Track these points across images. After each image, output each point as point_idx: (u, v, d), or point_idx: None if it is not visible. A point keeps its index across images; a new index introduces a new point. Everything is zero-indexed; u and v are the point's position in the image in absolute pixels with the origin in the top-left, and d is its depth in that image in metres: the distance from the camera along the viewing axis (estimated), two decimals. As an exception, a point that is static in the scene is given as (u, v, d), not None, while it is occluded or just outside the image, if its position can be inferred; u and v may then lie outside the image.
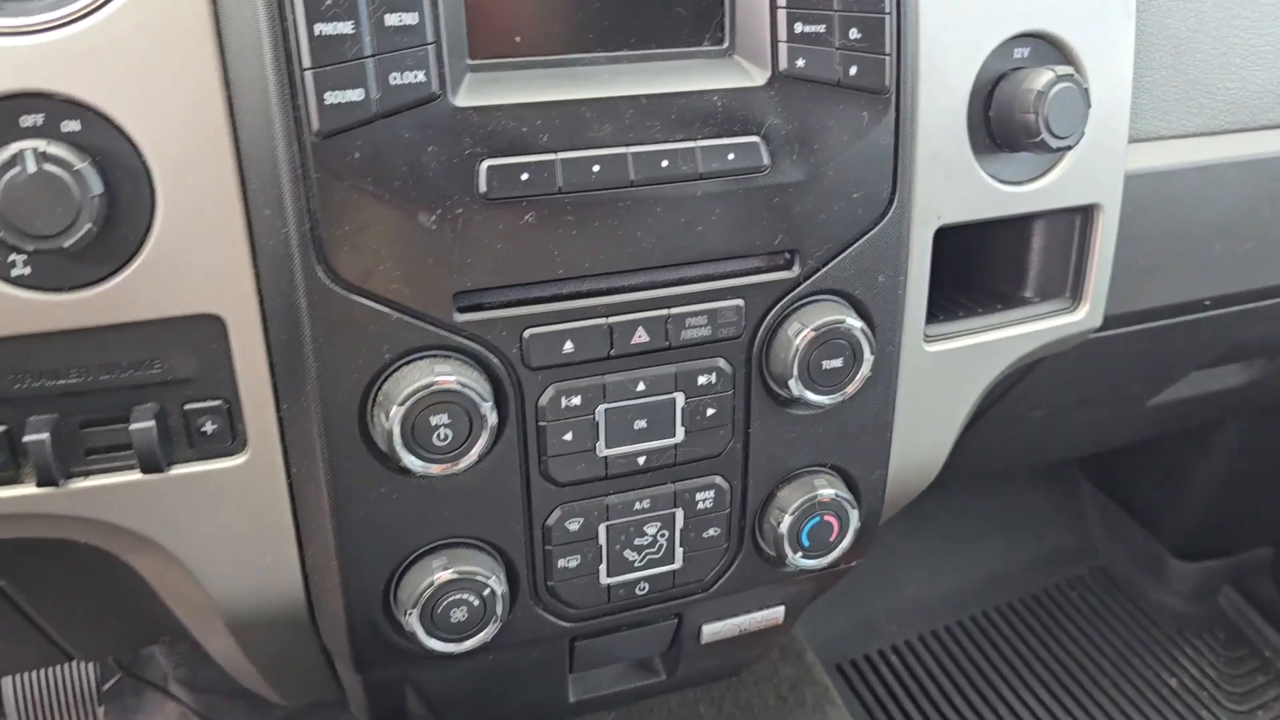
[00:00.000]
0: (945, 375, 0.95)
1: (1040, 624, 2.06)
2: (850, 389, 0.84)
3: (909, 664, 1.98)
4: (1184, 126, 1.02)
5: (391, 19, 0.68)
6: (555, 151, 0.74)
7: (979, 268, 1.03)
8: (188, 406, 0.75)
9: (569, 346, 0.78)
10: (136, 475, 0.75)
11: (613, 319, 0.79)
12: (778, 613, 1.01)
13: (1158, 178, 1.00)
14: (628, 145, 0.75)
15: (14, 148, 0.65)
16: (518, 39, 0.75)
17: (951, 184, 0.88)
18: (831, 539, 0.91)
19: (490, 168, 0.72)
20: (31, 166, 0.65)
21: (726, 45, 0.79)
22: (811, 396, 0.83)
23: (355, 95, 0.68)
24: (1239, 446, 1.90)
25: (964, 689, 1.93)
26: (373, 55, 0.68)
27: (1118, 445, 1.82)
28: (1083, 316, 0.99)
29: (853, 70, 0.79)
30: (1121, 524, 2.19)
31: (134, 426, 0.73)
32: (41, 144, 0.66)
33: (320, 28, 0.67)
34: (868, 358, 0.84)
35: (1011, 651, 2.00)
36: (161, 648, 1.37)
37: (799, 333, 0.82)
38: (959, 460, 1.03)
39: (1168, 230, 1.03)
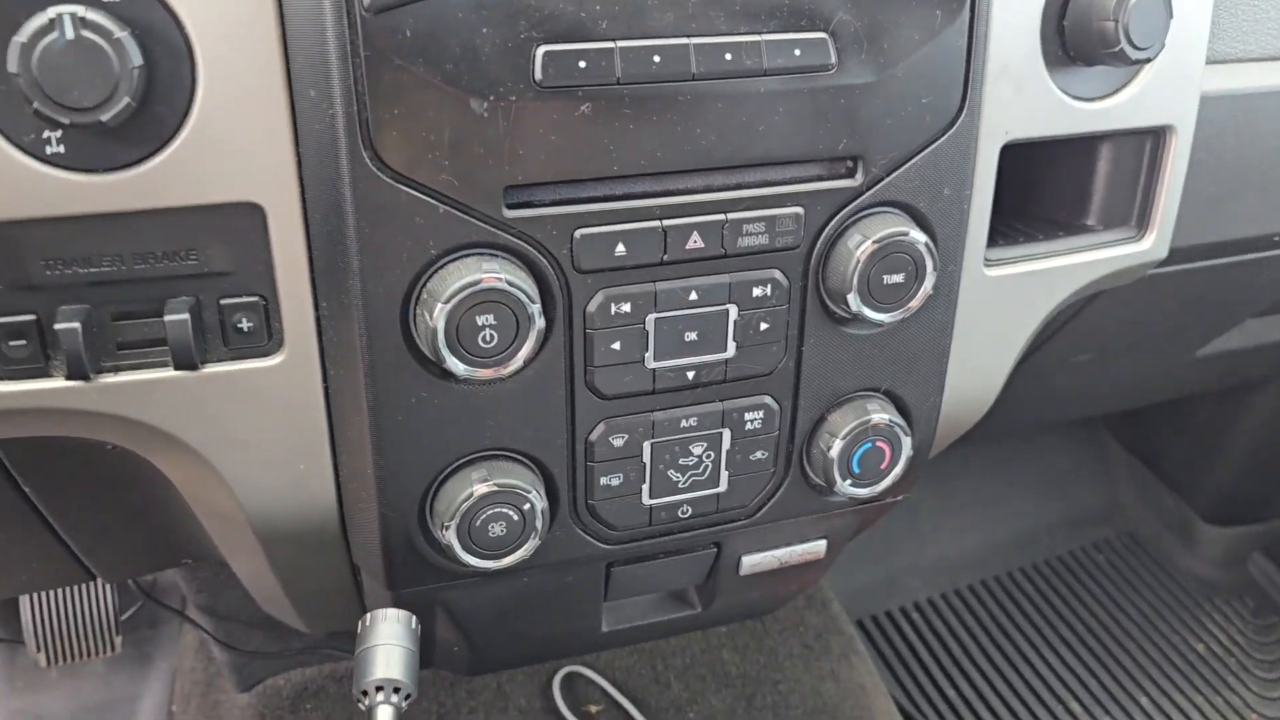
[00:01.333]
0: (1004, 302, 0.91)
1: (1065, 586, 2.03)
2: (913, 305, 0.81)
3: (931, 621, 1.95)
4: (1263, 49, 0.97)
5: (448, -112, 0.65)
6: (614, 40, 0.70)
7: (1040, 194, 0.99)
8: (223, 301, 0.72)
9: (621, 249, 0.74)
10: (169, 372, 0.72)
11: (667, 222, 0.75)
12: (819, 546, 0.98)
13: (1234, 101, 0.95)
14: (689, 36, 0.71)
15: (51, 11, 0.62)
16: (577, -80, 0.71)
17: (1021, 97, 0.84)
18: (883, 466, 0.87)
19: (547, 53, 0.68)
20: (70, 32, 0.62)
21: (796, -65, 0.75)
22: (870, 313, 0.80)
23: (408, -33, 0.65)
24: (1277, 409, 1.86)
25: (986, 648, 1.90)
26: (427, -75, 0.64)
27: (1157, 399, 1.77)
28: (1149, 246, 0.95)
29: (928, -34, 0.75)
30: (1151, 487, 2.15)
31: (168, 318, 0.70)
32: (80, 9, 0.62)
33: (373, -107, 0.63)
34: (930, 274, 0.80)
35: (1035, 612, 1.98)
36: (183, 573, 1.35)
37: (860, 245, 0.78)
38: (996, 410, 1.00)
39: (1240, 158, 0.98)
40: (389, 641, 0.77)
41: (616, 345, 0.77)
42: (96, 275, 0.70)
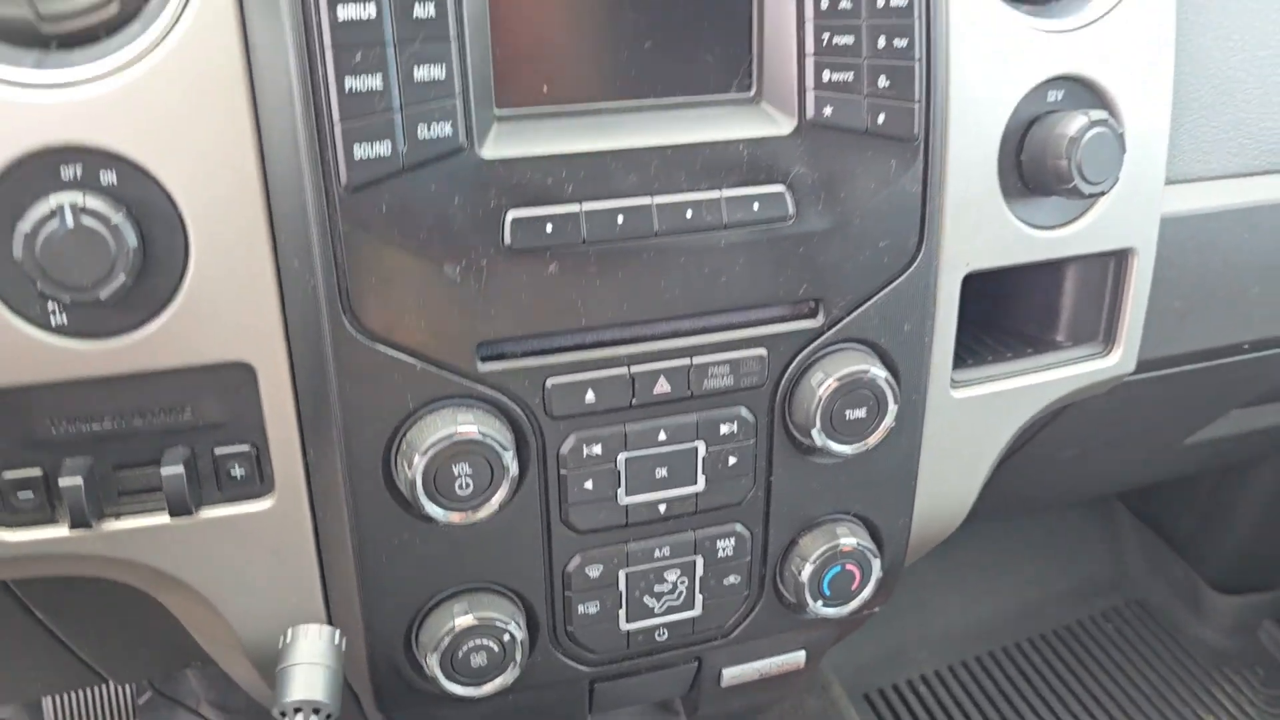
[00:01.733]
0: (972, 421, 0.94)
1: (1074, 656, 2.03)
2: (873, 439, 0.84)
3: (939, 694, 1.95)
4: (1223, 168, 1.00)
5: (420, 72, 0.69)
6: (580, 202, 0.74)
7: (1007, 309, 1.02)
8: (217, 450, 0.77)
9: (591, 396, 0.78)
10: (166, 518, 0.77)
11: (635, 368, 0.79)
12: (798, 657, 1.01)
13: (1195, 220, 0.98)
14: (652, 195, 0.75)
15: (53, 201, 0.67)
16: (544, 88, 0.75)
17: (981, 229, 0.87)
18: (853, 588, 0.90)
19: (515, 219, 0.73)
20: (70, 221, 0.67)
21: (754, 92, 0.79)
22: (834, 446, 0.83)
23: (383, 149, 0.69)
24: (1281, 480, 1.86)
25: (995, 721, 1.90)
26: (401, 108, 0.69)
27: (1153, 481, 1.78)
28: (1116, 361, 0.98)
29: (881, 118, 0.79)
30: (1160, 555, 2.15)
31: (165, 471, 0.74)
32: (79, 197, 0.67)
33: (350, 82, 0.68)
34: (892, 407, 0.84)
35: (1044, 684, 1.97)
36: (193, 671, 1.39)
37: (822, 382, 0.81)
38: (989, 494, 1.02)
39: (1204, 273, 1.01)
40: (310, 660, 0.72)
41: (589, 484, 0.81)
42: (98, 431, 0.75)
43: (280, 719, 0.71)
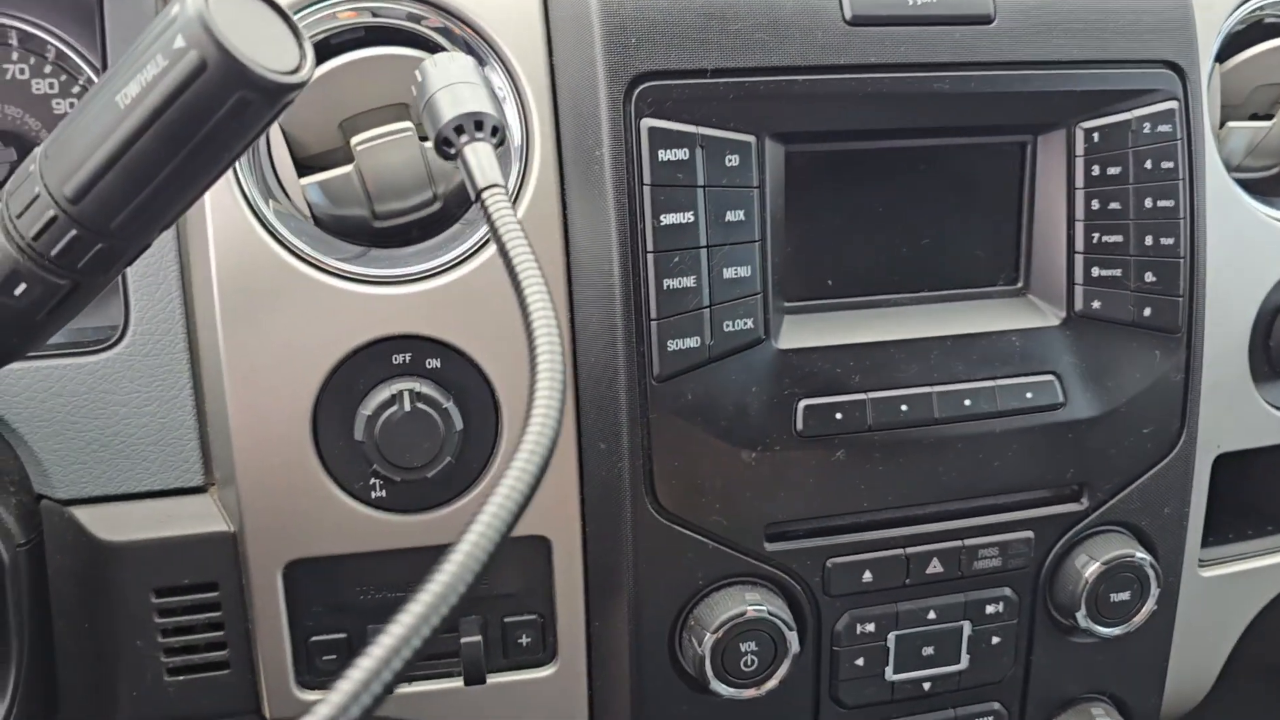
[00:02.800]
0: (1218, 600, 0.94)
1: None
2: (1136, 620, 0.84)
3: None
4: None
5: (729, 272, 0.74)
6: (866, 391, 0.77)
7: (1250, 488, 1.02)
8: (507, 619, 0.80)
9: (868, 576, 0.80)
10: (458, 683, 0.80)
11: (910, 550, 0.81)
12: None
13: None
14: (932, 385, 0.79)
15: (395, 386, 0.72)
16: (829, 282, 0.80)
17: (1232, 413, 0.89)
18: (1107, 768, 0.89)
19: (807, 407, 0.76)
20: (407, 406, 0.72)
21: (1021, 285, 0.83)
22: (1098, 628, 0.84)
23: (693, 342, 0.74)
24: None
25: None
26: (710, 305, 0.74)
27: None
28: (1360, 541, 0.97)
29: (1147, 311, 0.81)
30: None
31: (464, 640, 0.78)
32: (416, 384, 0.73)
33: (669, 282, 0.73)
34: (1155, 590, 0.84)
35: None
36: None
37: (1086, 565, 0.83)
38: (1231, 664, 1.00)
39: None
40: (455, 80, 0.64)
41: (860, 661, 0.82)
42: (399, 599, 0.78)
43: (445, 149, 0.63)
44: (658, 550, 0.77)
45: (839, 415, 0.77)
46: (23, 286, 0.56)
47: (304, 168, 0.75)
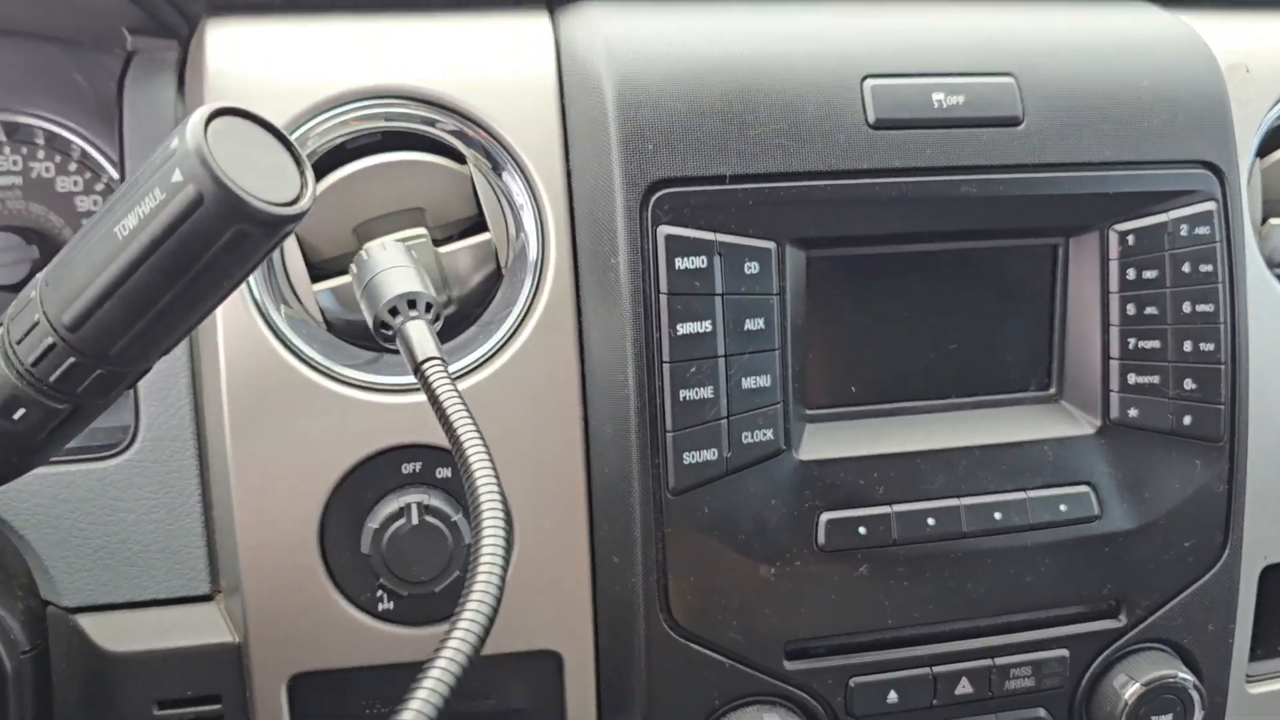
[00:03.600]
0: (1270, 717, 0.89)
1: None
2: (1180, 746, 0.80)
3: None
4: None
5: (748, 382, 0.72)
6: (890, 504, 0.75)
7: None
8: (516, 735, 0.78)
9: (893, 696, 0.77)
10: (466, 801, 0.77)
11: (937, 669, 0.77)
12: None
13: None
14: (960, 497, 0.76)
15: (403, 498, 0.71)
16: (853, 389, 0.77)
17: (1278, 521, 0.85)
18: None
19: (829, 521, 0.73)
20: (415, 519, 0.70)
21: (1053, 391, 0.80)
22: (1139, 753, 0.79)
23: (710, 454, 0.71)
24: None
25: None
26: (728, 416, 0.72)
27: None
28: None
29: (1187, 419, 0.78)
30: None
31: (469, 760, 0.75)
32: (425, 496, 0.71)
33: (685, 393, 0.71)
34: (1199, 713, 0.80)
35: None
36: None
37: (1125, 685, 0.78)
38: None
39: None
40: (394, 264, 0.67)
41: (885, 785, 0.78)
42: (407, 713, 0.76)
43: (383, 330, 0.65)
44: (673, 668, 0.74)
45: (862, 529, 0.74)
46: (22, 411, 0.56)
47: (317, 271, 0.74)
